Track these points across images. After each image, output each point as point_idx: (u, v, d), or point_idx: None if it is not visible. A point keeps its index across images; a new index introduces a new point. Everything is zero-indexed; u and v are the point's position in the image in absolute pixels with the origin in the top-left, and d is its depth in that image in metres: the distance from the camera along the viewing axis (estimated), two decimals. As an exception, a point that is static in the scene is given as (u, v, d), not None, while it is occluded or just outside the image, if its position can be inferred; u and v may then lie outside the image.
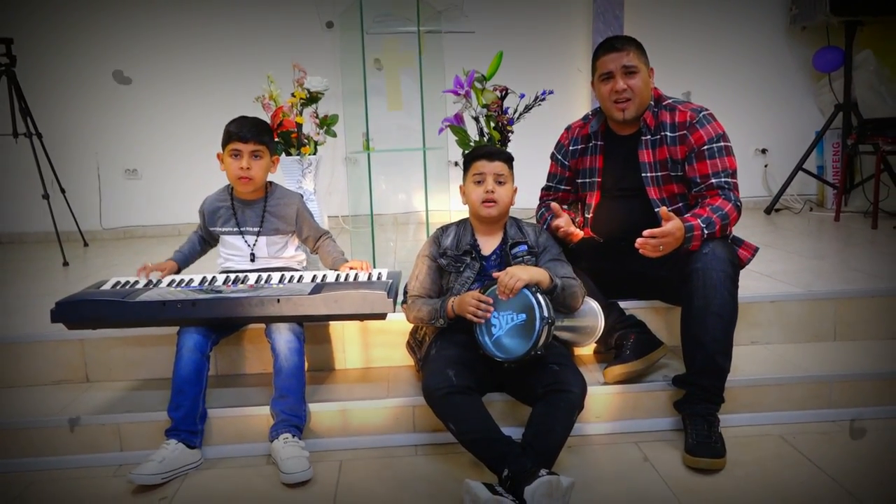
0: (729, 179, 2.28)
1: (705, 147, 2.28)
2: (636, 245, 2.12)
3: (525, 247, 2.24)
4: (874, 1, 4.57)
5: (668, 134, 2.34)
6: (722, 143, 2.29)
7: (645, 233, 2.10)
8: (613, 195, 2.46)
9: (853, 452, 2.08)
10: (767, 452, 2.09)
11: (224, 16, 4.96)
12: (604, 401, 2.25)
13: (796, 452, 2.08)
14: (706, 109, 2.35)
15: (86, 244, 4.66)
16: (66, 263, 3.94)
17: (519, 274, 2.04)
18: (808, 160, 4.85)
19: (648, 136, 2.37)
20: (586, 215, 2.53)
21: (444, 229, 2.32)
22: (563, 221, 2.34)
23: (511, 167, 2.27)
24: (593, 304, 2.30)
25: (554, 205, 2.42)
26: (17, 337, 2.51)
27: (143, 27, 4.94)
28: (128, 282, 2.32)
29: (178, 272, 2.49)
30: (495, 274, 2.08)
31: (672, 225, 2.09)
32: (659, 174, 2.36)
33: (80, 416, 2.19)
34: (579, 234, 2.38)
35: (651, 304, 2.55)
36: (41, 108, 4.51)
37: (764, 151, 5.28)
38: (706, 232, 2.14)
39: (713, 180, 2.27)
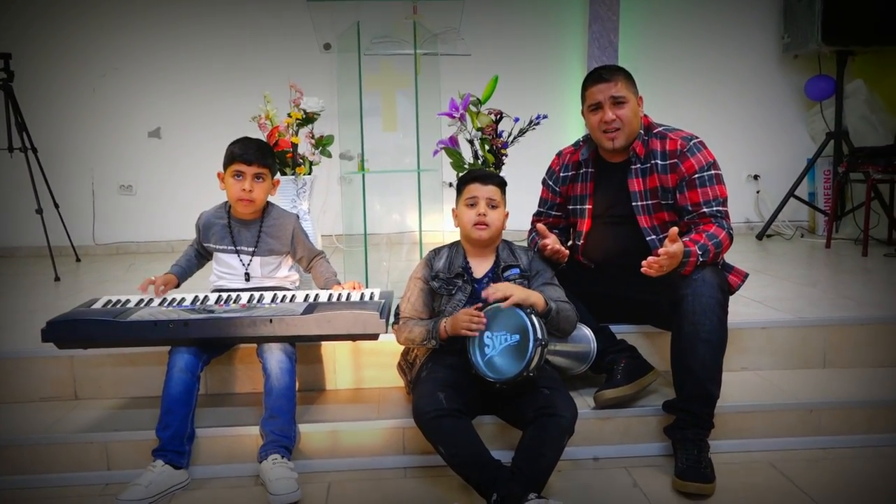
0: (721, 208, 2.30)
1: (696, 175, 2.29)
2: (644, 264, 2.10)
3: (517, 270, 2.25)
4: (866, 31, 4.63)
5: (659, 162, 2.35)
6: (713, 172, 2.30)
7: (661, 251, 2.09)
8: (604, 222, 2.47)
9: (842, 480, 2.08)
10: (756, 479, 2.09)
11: (222, 35, 5.00)
12: (594, 425, 2.25)
13: (785, 479, 2.08)
14: (697, 137, 2.36)
15: (78, 259, 4.65)
16: (57, 279, 3.93)
17: (513, 289, 2.06)
18: (800, 187, 4.89)
19: (638, 165, 2.38)
20: (577, 242, 2.54)
21: (436, 252, 2.33)
22: (551, 241, 2.34)
23: (504, 192, 2.28)
24: (586, 331, 2.31)
25: (540, 226, 2.42)
26: (5, 353, 2.49)
27: (140, 45, 4.97)
28: (119, 300, 2.31)
29: (177, 286, 2.49)
30: (492, 285, 2.09)
31: (677, 247, 2.10)
32: (650, 202, 2.37)
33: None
34: (566, 252, 2.38)
35: (642, 328, 2.55)
36: (37, 123, 4.52)
37: (756, 177, 5.32)
38: (701, 259, 2.15)
39: (705, 209, 2.28)
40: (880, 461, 2.20)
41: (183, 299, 2.32)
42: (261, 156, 2.41)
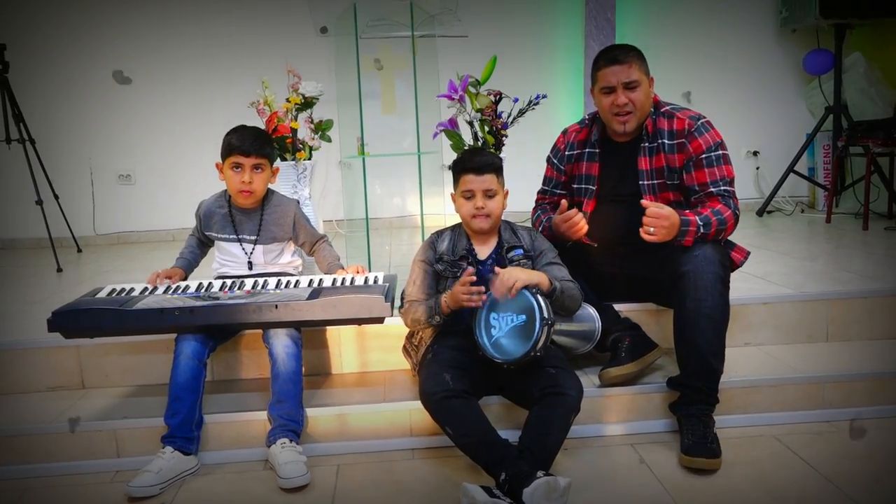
0: (728, 188, 2.29)
1: (703, 156, 2.28)
2: (641, 230, 2.12)
3: (521, 251, 2.25)
4: (863, 4, 4.60)
5: (666, 142, 2.33)
6: (720, 152, 2.29)
7: (647, 212, 2.12)
8: (609, 200, 2.47)
9: (847, 452, 2.09)
10: (762, 453, 2.11)
11: (218, 20, 4.96)
12: (600, 403, 2.26)
13: (790, 452, 2.10)
14: (704, 117, 2.34)
15: (79, 250, 4.65)
16: (59, 269, 3.93)
17: (517, 274, 2.05)
18: (800, 162, 4.88)
19: (647, 144, 2.37)
20: None
21: (438, 234, 2.33)
22: (573, 211, 2.33)
23: (500, 174, 2.25)
24: (591, 310, 2.32)
25: (564, 202, 2.38)
26: (11, 343, 2.50)
27: (137, 32, 4.93)
28: (123, 289, 2.32)
29: (185, 279, 2.48)
30: (496, 269, 2.09)
31: (668, 210, 2.11)
32: (655, 182, 2.37)
33: (79, 417, 2.19)
34: (585, 226, 2.37)
35: (645, 306, 2.56)
36: (34, 113, 4.50)
37: (755, 153, 5.31)
38: (702, 230, 2.15)
39: (712, 189, 2.28)
40: (886, 432, 2.21)
41: (187, 287, 2.32)
42: (259, 146, 2.39)
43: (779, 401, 2.30)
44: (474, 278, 2.09)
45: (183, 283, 2.36)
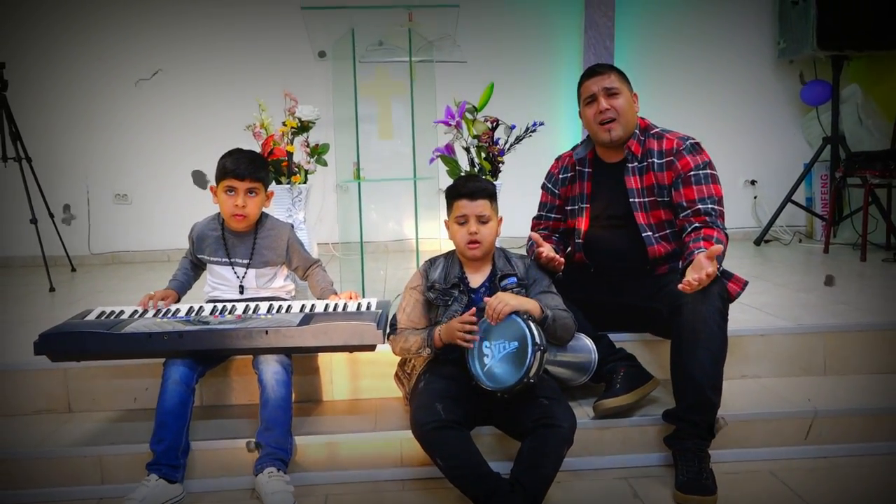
0: (715, 206, 2.29)
1: (692, 173, 2.30)
2: (683, 283, 2.06)
3: (514, 279, 2.23)
4: (860, 36, 4.64)
5: (656, 160, 2.36)
6: (708, 171, 2.32)
7: (707, 270, 2.03)
8: (602, 224, 2.47)
9: (844, 489, 2.06)
10: (757, 488, 2.07)
11: (216, 43, 4.98)
12: (593, 435, 2.23)
13: (786, 489, 2.06)
14: (693, 138, 2.38)
15: (73, 269, 4.63)
16: (52, 289, 3.90)
17: (507, 299, 2.03)
18: (797, 192, 4.88)
19: (635, 164, 2.39)
20: (577, 240, 2.52)
21: (432, 262, 2.31)
22: (546, 249, 2.32)
23: (494, 201, 2.24)
24: (587, 341, 2.29)
25: (534, 234, 2.41)
26: (-2, 365, 2.47)
27: (135, 54, 4.95)
28: (112, 311, 2.29)
29: (177, 301, 2.46)
30: (486, 299, 2.07)
31: (713, 268, 2.05)
32: (646, 200, 2.38)
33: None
34: (561, 260, 2.35)
35: (641, 336, 2.54)
36: (32, 132, 4.50)
37: (753, 183, 5.31)
38: (719, 267, 2.15)
39: (699, 206, 2.27)
40: (883, 469, 2.18)
41: (178, 310, 2.29)
42: (253, 170, 2.38)
43: (775, 435, 2.27)
44: (475, 318, 2.07)
45: (173, 307, 2.33)
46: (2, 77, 4.14)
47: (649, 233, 2.37)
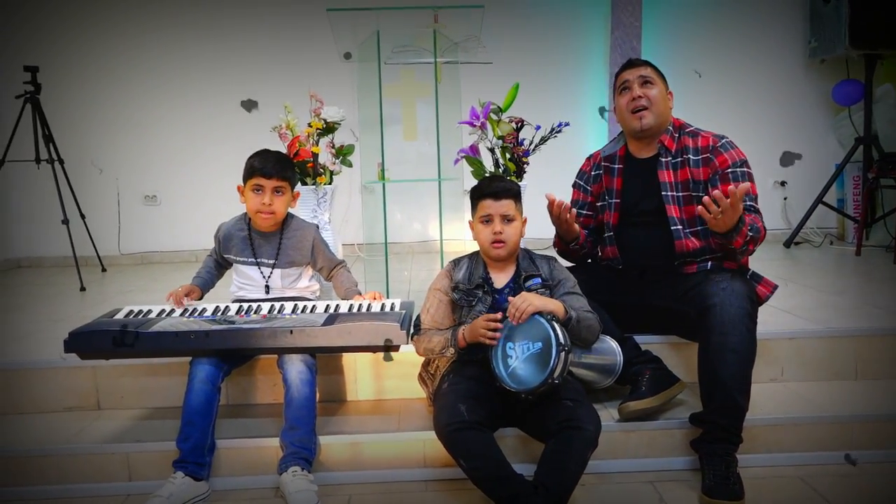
0: (754, 204, 2.29)
1: (729, 170, 2.30)
2: (704, 199, 2.07)
3: (539, 280, 2.21)
4: (893, 34, 4.55)
5: (691, 157, 2.36)
6: (745, 169, 2.32)
7: (729, 189, 2.03)
8: (633, 220, 2.45)
9: (873, 496, 2.02)
10: (786, 495, 2.04)
11: (243, 46, 5.04)
12: (618, 438, 2.21)
13: (816, 495, 2.02)
14: (727, 137, 2.38)
15: (104, 269, 4.70)
16: (83, 288, 3.97)
17: (531, 299, 2.02)
18: (829, 193, 4.80)
19: (668, 158, 2.39)
20: (607, 233, 2.51)
21: (456, 262, 2.31)
22: (559, 199, 2.35)
23: (519, 201, 2.23)
24: (613, 343, 2.27)
25: (548, 193, 2.39)
26: (28, 363, 2.51)
27: (164, 56, 5.03)
28: (140, 310, 2.32)
29: (200, 298, 2.49)
30: (510, 299, 2.06)
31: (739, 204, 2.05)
32: (680, 194, 2.36)
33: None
34: (573, 211, 2.39)
35: (668, 339, 2.51)
36: (63, 134, 4.59)
37: (783, 184, 5.24)
38: (749, 235, 2.14)
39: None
40: (914, 476, 2.13)
41: (204, 310, 2.32)
42: (280, 169, 2.41)
43: (805, 440, 2.23)
44: (500, 315, 2.07)
45: (200, 306, 2.36)
46: (35, 80, 4.22)
47: (679, 227, 2.34)
